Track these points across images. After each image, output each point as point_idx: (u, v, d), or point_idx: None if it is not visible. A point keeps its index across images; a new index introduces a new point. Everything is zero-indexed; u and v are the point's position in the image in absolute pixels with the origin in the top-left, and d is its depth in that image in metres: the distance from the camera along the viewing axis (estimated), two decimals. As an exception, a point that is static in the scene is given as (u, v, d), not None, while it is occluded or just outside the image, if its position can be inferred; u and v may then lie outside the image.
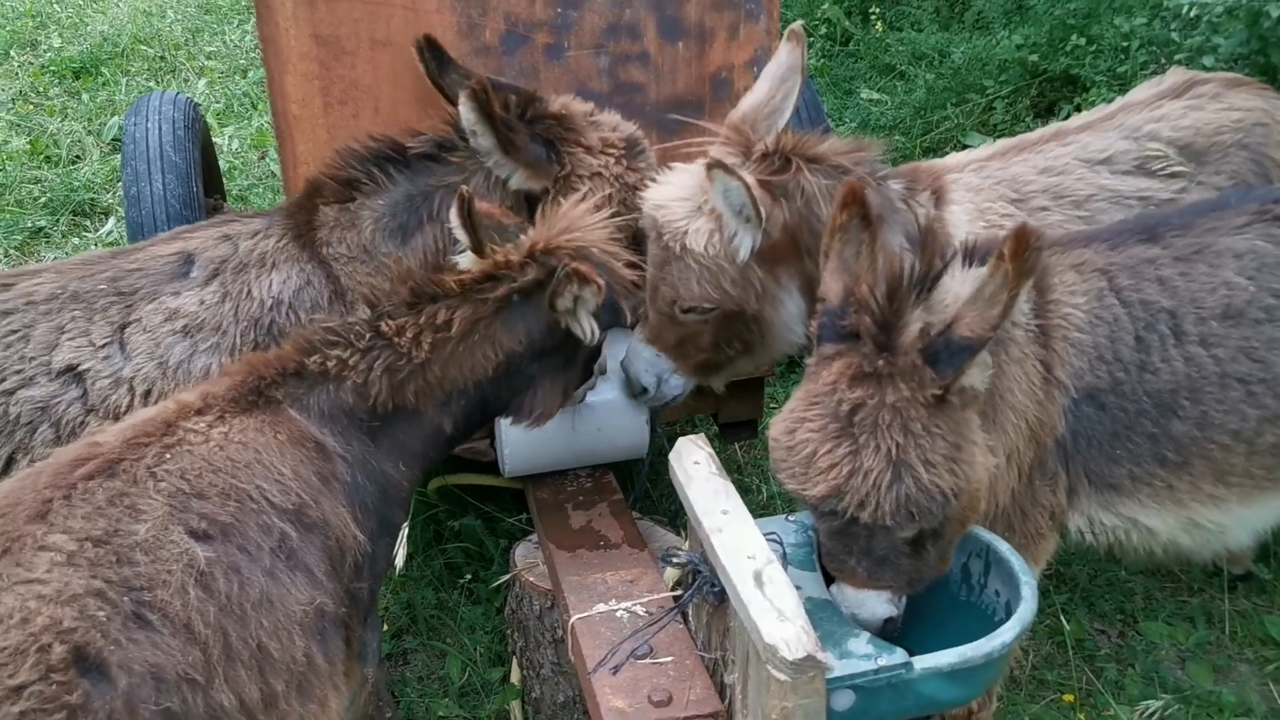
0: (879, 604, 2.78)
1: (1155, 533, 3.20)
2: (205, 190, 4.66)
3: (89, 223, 6.79)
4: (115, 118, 7.62)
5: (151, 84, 8.14)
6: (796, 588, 2.55)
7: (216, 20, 9.26)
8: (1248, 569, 4.13)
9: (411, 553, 4.28)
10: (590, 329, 2.99)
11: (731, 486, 2.83)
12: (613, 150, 3.42)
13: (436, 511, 4.38)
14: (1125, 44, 6.06)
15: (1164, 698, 3.67)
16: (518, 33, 3.57)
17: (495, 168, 3.36)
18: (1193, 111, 3.67)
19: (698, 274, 3.26)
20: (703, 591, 2.73)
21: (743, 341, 3.44)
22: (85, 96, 8.00)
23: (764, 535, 2.73)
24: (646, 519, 3.75)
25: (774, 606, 2.44)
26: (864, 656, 2.59)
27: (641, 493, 3.98)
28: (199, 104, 5.27)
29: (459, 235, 2.97)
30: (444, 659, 3.98)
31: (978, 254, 2.89)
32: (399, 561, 3.45)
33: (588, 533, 3.52)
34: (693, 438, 3.00)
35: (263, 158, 7.25)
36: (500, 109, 3.27)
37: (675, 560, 2.92)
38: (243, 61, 8.57)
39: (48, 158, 7.30)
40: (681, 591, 3.02)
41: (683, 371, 3.50)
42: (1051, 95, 6.51)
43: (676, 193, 3.31)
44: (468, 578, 4.20)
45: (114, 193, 6.94)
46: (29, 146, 7.35)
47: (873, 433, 2.58)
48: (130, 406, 3.17)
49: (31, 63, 8.54)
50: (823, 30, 7.63)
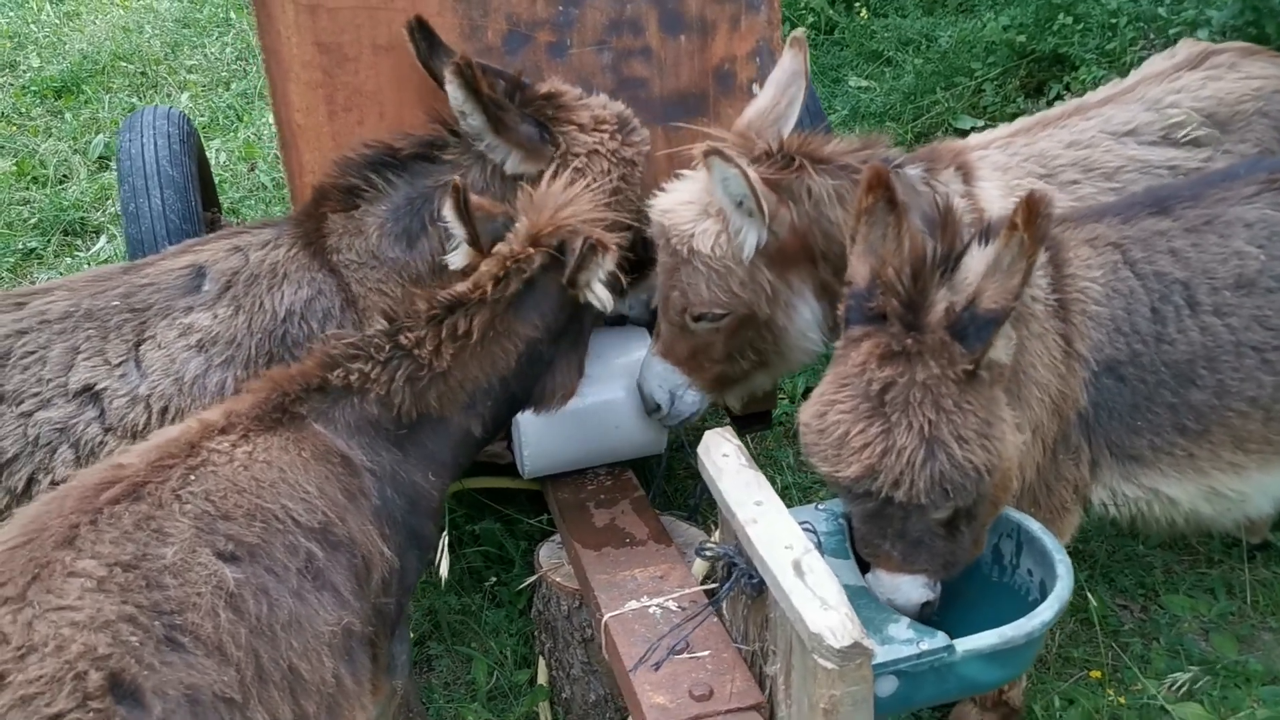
0: (915, 588, 2.77)
1: (1177, 502, 3.21)
2: (202, 204, 4.63)
3: (80, 242, 6.74)
4: (100, 135, 7.58)
5: (134, 100, 8.09)
6: (832, 576, 2.54)
7: (195, 34, 9.20)
8: (1265, 538, 4.14)
9: (454, 561, 4.27)
10: (606, 297, 3.03)
11: (763, 477, 2.82)
12: (606, 126, 3.41)
13: (455, 516, 4.36)
14: (1113, 21, 6.08)
15: (1191, 670, 3.67)
16: (520, 32, 3.56)
17: (489, 151, 3.32)
18: (1212, 82, 3.69)
19: (706, 277, 3.24)
20: (740, 583, 2.72)
21: (757, 351, 3.41)
22: (68, 115, 7.95)
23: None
24: (667, 514, 3.74)
25: (816, 595, 2.44)
26: (906, 641, 2.60)
27: (660, 489, 3.97)
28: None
29: (455, 229, 2.99)
30: (469, 664, 3.96)
31: (994, 232, 2.90)
32: (444, 570, 3.44)
33: (612, 530, 3.51)
34: (720, 430, 2.99)
35: (252, 170, 7.22)
36: (488, 90, 3.26)
37: (708, 553, 2.91)
38: (225, 74, 8.53)
39: (35, 178, 7.25)
40: (715, 585, 3.01)
41: (697, 386, 3.45)
42: (1040, 75, 6.53)
43: (683, 197, 3.30)
44: (492, 581, 4.18)
45: (104, 211, 6.90)
46: (15, 168, 7.30)
47: (904, 411, 2.58)
48: (148, 424, 3.16)
49: (12, 84, 8.48)
50: (809, 19, 7.63)
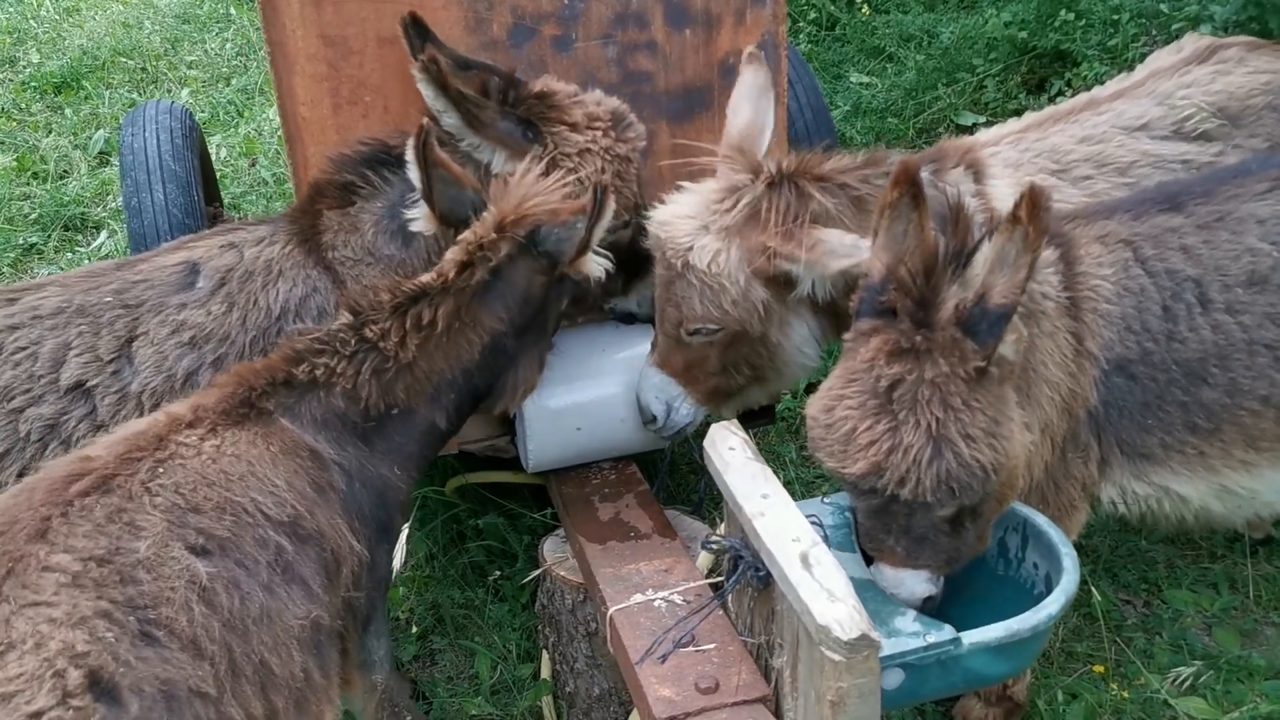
0: (918, 583, 2.77)
1: (1188, 500, 3.20)
2: (205, 199, 4.63)
3: (81, 237, 6.74)
4: (101, 131, 7.57)
5: (134, 96, 8.08)
6: (839, 569, 2.54)
7: (195, 29, 9.20)
8: (1268, 533, 4.15)
9: (434, 552, 4.26)
10: (601, 265, 3.09)
11: (769, 470, 2.81)
12: (599, 124, 3.39)
13: (458, 511, 4.36)
14: (1115, 17, 6.09)
15: (1194, 664, 3.68)
16: (525, 25, 3.55)
17: (471, 150, 3.31)
18: (1221, 76, 3.68)
19: (700, 292, 3.22)
20: (747, 576, 2.72)
21: (752, 366, 3.39)
22: (68, 111, 7.94)
23: (803, 518, 2.72)
24: (672, 508, 3.74)
25: (824, 588, 2.43)
26: (912, 634, 2.60)
27: (664, 483, 3.97)
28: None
29: (411, 174, 2.99)
30: (473, 658, 3.96)
31: None
32: (397, 564, 3.43)
33: (617, 524, 3.51)
34: (725, 424, 2.99)
35: (253, 165, 7.21)
36: (478, 91, 3.25)
37: (714, 546, 2.91)
38: (225, 69, 8.52)
39: (35, 174, 7.24)
40: (720, 578, 3.01)
41: (693, 398, 3.44)
42: (1042, 71, 6.53)
43: (681, 211, 3.28)
44: (496, 575, 4.18)
45: (104, 206, 6.90)
46: (16, 163, 7.29)
47: (912, 409, 2.57)
48: None
49: (11, 79, 8.47)
50: (810, 15, 7.63)
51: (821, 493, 3.03)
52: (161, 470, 2.51)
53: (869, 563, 2.86)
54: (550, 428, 3.62)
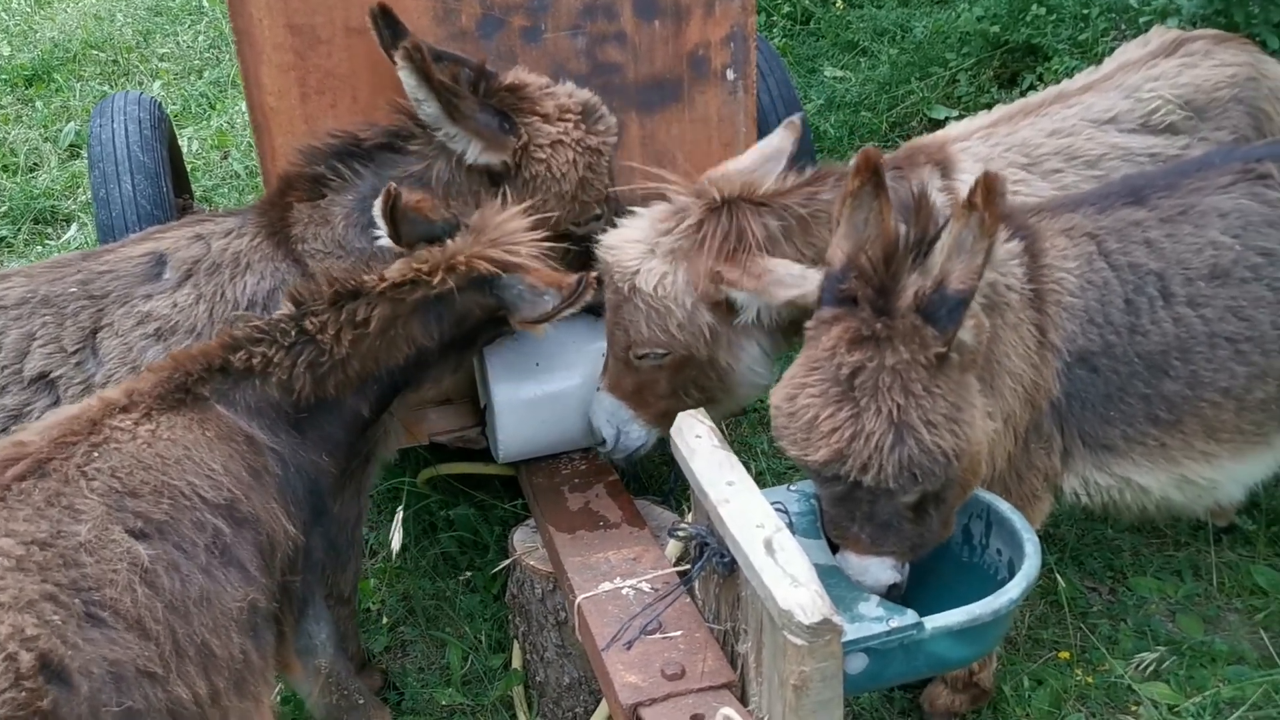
0: (883, 570, 2.80)
1: (1149, 491, 3.24)
2: (174, 190, 4.60)
3: (51, 230, 6.69)
4: (71, 124, 7.52)
5: (106, 88, 8.02)
6: (803, 555, 2.56)
7: (168, 22, 9.13)
8: (1231, 521, 4.19)
9: (406, 544, 4.26)
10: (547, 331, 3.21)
11: (735, 458, 2.83)
12: (570, 115, 3.39)
13: (429, 502, 4.36)
14: (1085, 12, 6.13)
15: (1158, 650, 3.71)
16: (494, 16, 3.55)
17: (448, 140, 3.29)
18: (1188, 69, 3.72)
19: (646, 316, 3.23)
20: (712, 563, 2.74)
21: (701, 389, 3.39)
22: (39, 103, 7.87)
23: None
24: (642, 498, 3.75)
25: (787, 573, 2.45)
26: (875, 619, 2.62)
27: (633, 474, 3.99)
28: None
29: (380, 226, 3.03)
30: (444, 648, 3.97)
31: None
32: (395, 546, 3.45)
33: (586, 514, 3.52)
34: (693, 412, 3.00)
35: (225, 158, 7.18)
36: (449, 80, 3.25)
37: (681, 534, 2.93)
38: (197, 62, 8.47)
39: (4, 166, 7.18)
40: (688, 565, 3.03)
41: (643, 420, 3.43)
42: (1014, 66, 6.58)
43: (629, 235, 3.30)
44: (468, 575, 4.18)
45: (75, 199, 6.85)
46: (-15, 156, 7.23)
47: (874, 395, 2.59)
48: None
49: (-19, 71, 8.39)
50: (784, 9, 7.65)
51: (802, 479, 3.05)
52: (96, 454, 2.54)
53: (835, 551, 2.89)
54: (521, 419, 3.62)
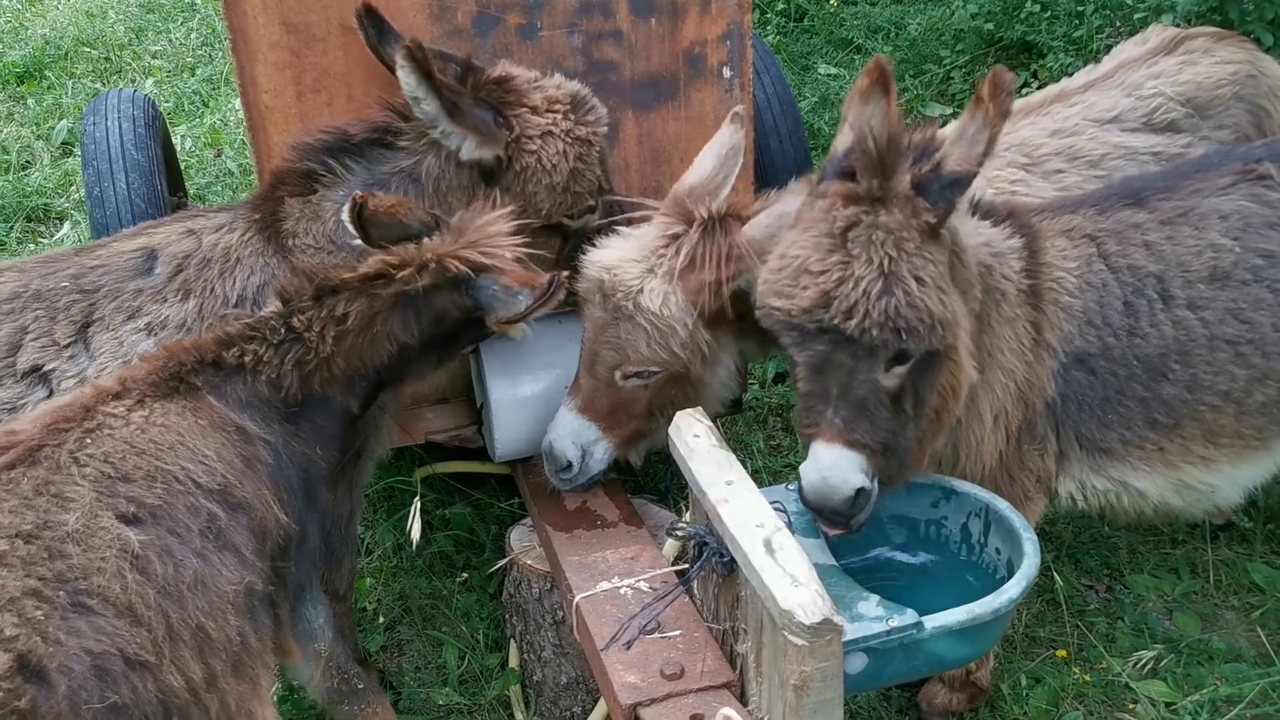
0: (852, 469, 2.68)
1: (1146, 495, 3.24)
2: (168, 188, 4.58)
3: (44, 228, 6.66)
4: (64, 121, 7.49)
5: (98, 85, 7.99)
6: (803, 554, 2.55)
7: (160, 19, 9.10)
8: (1228, 519, 4.20)
9: (400, 543, 4.25)
10: (525, 333, 3.25)
11: (734, 457, 2.83)
12: (558, 107, 3.37)
13: (425, 501, 4.34)
14: (1080, 9, 6.14)
15: (1155, 648, 3.72)
16: (490, 14, 3.54)
17: (443, 138, 3.27)
18: (1188, 67, 3.72)
19: (649, 335, 3.20)
20: (711, 562, 2.73)
21: (675, 406, 3.29)
22: (31, 101, 7.84)
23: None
24: (639, 497, 3.75)
25: (787, 573, 2.45)
26: (875, 619, 2.62)
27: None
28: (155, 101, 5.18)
29: (350, 230, 3.03)
30: (441, 648, 3.96)
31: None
32: (415, 535, 3.47)
33: (583, 513, 3.51)
34: (691, 411, 2.99)
35: (218, 155, 7.15)
36: (441, 75, 3.23)
37: (680, 533, 2.92)
38: (190, 59, 8.44)
39: (-3, 164, 7.16)
40: (686, 565, 3.02)
41: (610, 442, 3.38)
42: (1008, 63, 6.58)
43: (626, 254, 3.28)
44: (464, 576, 4.17)
45: (67, 197, 6.83)
46: (-23, 154, 7.20)
47: (866, 246, 2.59)
48: None
49: (-27, 69, 8.35)
50: (779, 7, 7.64)
51: (787, 481, 3.05)
52: (89, 440, 2.54)
53: (834, 551, 2.88)
54: (517, 417, 3.61)
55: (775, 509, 2.72)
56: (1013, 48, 6.57)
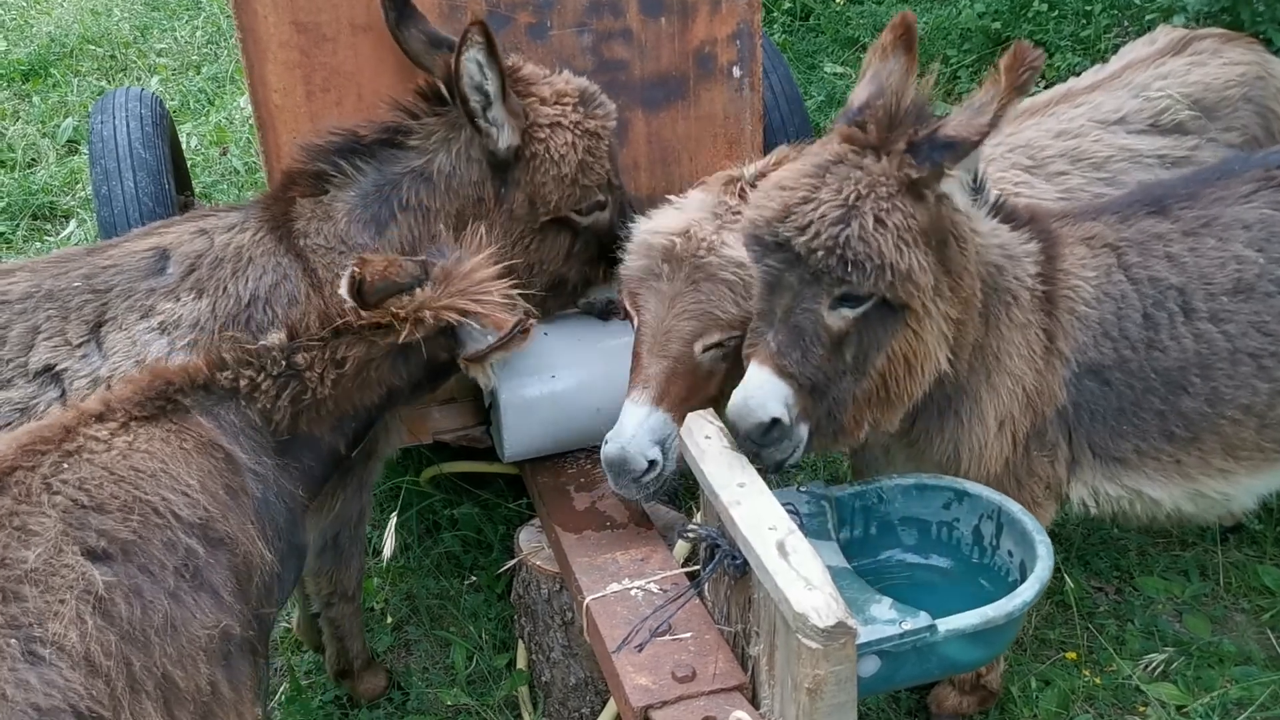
0: (773, 396, 2.68)
1: (1160, 503, 3.21)
2: (175, 187, 4.57)
3: (49, 226, 6.66)
4: (69, 119, 7.48)
5: (103, 84, 7.98)
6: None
7: (165, 17, 9.09)
8: (1238, 521, 4.19)
9: (409, 543, 4.25)
10: (490, 380, 3.18)
11: (746, 459, 2.81)
12: (568, 99, 3.37)
13: (433, 501, 4.35)
14: (1087, 8, 6.12)
15: (1166, 651, 3.71)
16: (500, 13, 3.53)
17: (491, 123, 3.23)
18: (1197, 68, 3.69)
19: (735, 290, 3.03)
20: (724, 565, 2.72)
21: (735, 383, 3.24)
22: (36, 99, 7.83)
23: (779, 506, 2.72)
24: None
25: (800, 575, 2.44)
26: (888, 622, 2.60)
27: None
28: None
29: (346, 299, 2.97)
30: (448, 648, 3.95)
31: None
32: (387, 552, 3.43)
33: (593, 514, 3.50)
34: (702, 413, 2.98)
35: (224, 154, 7.14)
36: (444, 69, 3.22)
37: (691, 535, 2.91)
38: (195, 58, 8.43)
39: (2, 162, 7.14)
40: (696, 567, 3.01)
41: None
42: (1015, 62, 6.54)
43: (690, 215, 3.15)
44: (472, 578, 4.16)
45: (73, 195, 6.82)
46: (-18, 152, 7.19)
47: (841, 179, 2.65)
48: None
49: (-22, 67, 8.35)
50: (784, 5, 7.62)
51: (796, 482, 3.03)
52: (66, 465, 2.41)
53: (846, 553, 2.87)
54: (526, 417, 3.60)
55: (787, 511, 2.71)
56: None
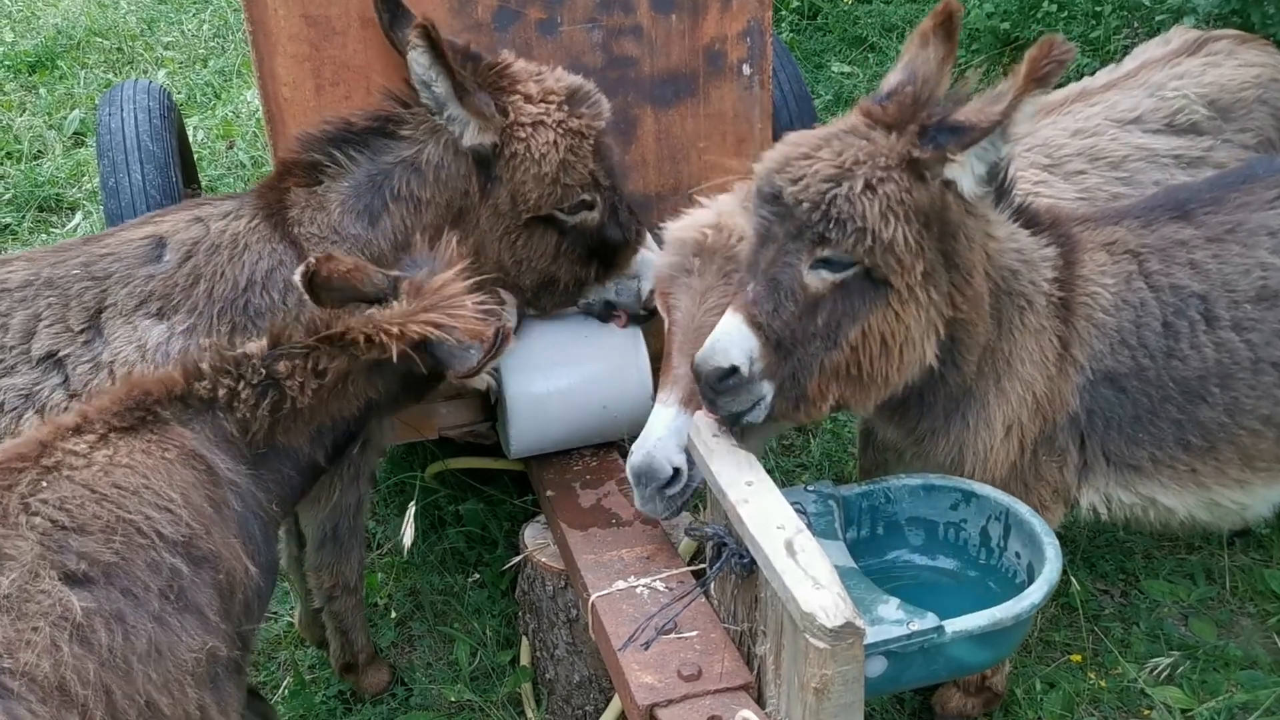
0: (739, 343, 2.70)
1: (1174, 511, 3.18)
2: (183, 180, 4.58)
3: (55, 218, 6.66)
4: (76, 111, 7.48)
5: (110, 76, 7.98)
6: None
7: (172, 10, 9.09)
8: (1245, 525, 4.17)
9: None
10: (487, 381, 3.20)
11: (754, 458, 2.81)
12: (554, 98, 3.34)
13: (437, 497, 4.34)
14: (1097, 9, 6.10)
15: (1171, 654, 3.71)
16: (510, 9, 3.52)
17: (449, 123, 3.24)
18: (1212, 69, 3.68)
19: None
20: (731, 563, 2.72)
21: None
22: (43, 91, 7.83)
23: (787, 505, 2.71)
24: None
25: (808, 575, 2.43)
26: (895, 622, 2.60)
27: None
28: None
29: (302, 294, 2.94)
30: (452, 644, 3.95)
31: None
32: (407, 541, 3.41)
33: (598, 511, 3.50)
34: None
35: (230, 147, 7.14)
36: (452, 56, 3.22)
37: (697, 533, 2.90)
38: (202, 51, 8.43)
39: (8, 154, 7.14)
40: (702, 565, 3.00)
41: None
42: (1023, 63, 6.53)
43: (725, 209, 3.14)
44: (476, 574, 4.15)
45: (80, 187, 6.82)
46: (-11, 143, 7.19)
47: (844, 143, 2.68)
48: None
49: (-15, 58, 8.35)
50: (793, 4, 7.61)
51: (802, 481, 3.02)
52: (45, 484, 2.34)
53: (853, 553, 2.86)
54: (532, 413, 3.60)
55: (795, 510, 2.70)
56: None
